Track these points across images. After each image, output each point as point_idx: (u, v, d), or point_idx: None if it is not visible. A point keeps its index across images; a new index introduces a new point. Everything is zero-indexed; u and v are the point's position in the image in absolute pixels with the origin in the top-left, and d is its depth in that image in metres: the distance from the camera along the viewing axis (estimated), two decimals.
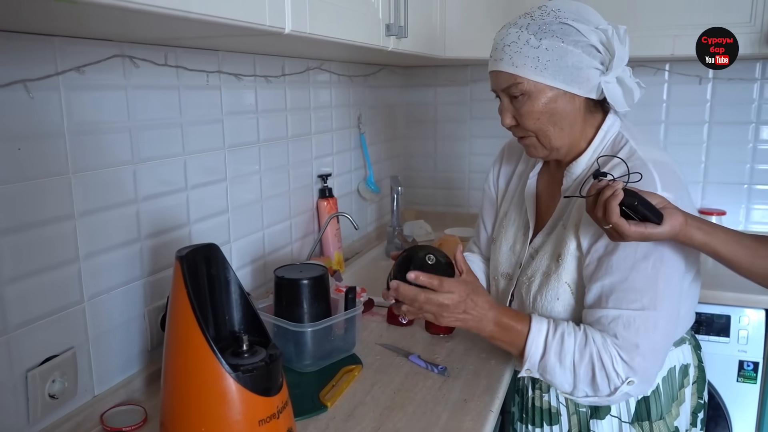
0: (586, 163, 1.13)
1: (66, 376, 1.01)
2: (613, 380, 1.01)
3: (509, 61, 1.05)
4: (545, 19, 1.04)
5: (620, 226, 0.91)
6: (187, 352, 0.82)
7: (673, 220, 0.93)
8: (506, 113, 1.11)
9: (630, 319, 1.00)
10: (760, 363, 1.75)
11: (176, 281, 0.82)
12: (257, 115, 1.50)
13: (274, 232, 1.62)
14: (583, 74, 1.04)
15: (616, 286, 1.01)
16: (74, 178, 1.01)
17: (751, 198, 2.21)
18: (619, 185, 0.91)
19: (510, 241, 1.27)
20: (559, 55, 1.03)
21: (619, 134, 1.12)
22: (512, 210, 1.29)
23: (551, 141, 1.10)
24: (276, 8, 0.93)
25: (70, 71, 0.98)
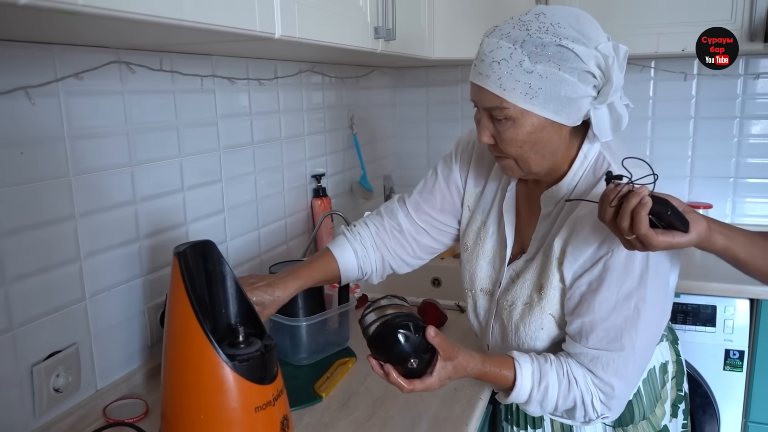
0: (566, 187, 1.04)
1: (70, 370, 1.05)
2: (589, 414, 1.02)
3: (496, 82, 0.93)
4: (543, 39, 0.91)
5: (649, 237, 0.83)
6: (185, 343, 0.85)
7: (699, 226, 0.88)
8: (485, 131, 1.00)
9: (609, 361, 0.99)
10: (745, 351, 1.80)
11: (174, 276, 0.86)
12: (251, 117, 1.54)
13: (270, 231, 1.66)
14: (574, 105, 0.94)
15: (597, 325, 0.98)
16: (74, 180, 1.05)
17: (737, 191, 2.25)
18: (645, 191, 0.82)
19: (488, 255, 1.18)
20: (552, 84, 0.91)
21: (600, 155, 1.03)
22: (490, 222, 1.18)
23: (530, 167, 1.01)
24: (266, 14, 0.97)
25: (69, 78, 1.02)
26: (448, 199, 1.24)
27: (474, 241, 1.21)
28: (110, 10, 0.66)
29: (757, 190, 2.23)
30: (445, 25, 1.96)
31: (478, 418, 1.11)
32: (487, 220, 1.20)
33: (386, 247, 1.24)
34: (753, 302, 1.78)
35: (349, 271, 1.21)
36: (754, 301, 1.77)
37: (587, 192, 1.02)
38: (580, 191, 1.03)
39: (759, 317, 1.77)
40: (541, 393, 1.00)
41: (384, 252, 1.24)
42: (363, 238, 1.24)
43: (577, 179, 1.04)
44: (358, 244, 1.22)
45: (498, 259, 1.17)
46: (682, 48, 1.90)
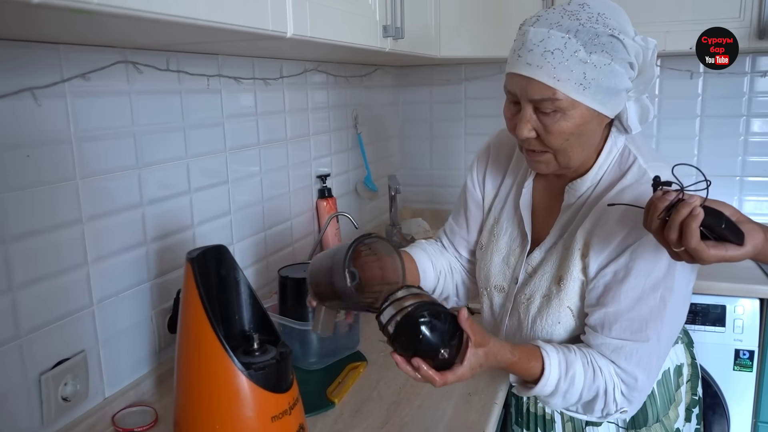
0: (591, 180, 1.04)
1: (78, 378, 1.02)
2: (609, 408, 0.99)
3: (550, 72, 0.90)
4: (596, 28, 0.89)
5: (699, 251, 0.77)
6: (199, 351, 0.83)
7: (755, 238, 0.81)
8: (526, 124, 0.95)
9: (632, 351, 0.97)
10: (755, 351, 1.78)
11: (188, 282, 0.84)
12: (257, 117, 1.52)
13: (275, 233, 1.63)
14: (619, 96, 0.94)
15: (622, 315, 0.96)
16: (81, 183, 1.02)
17: (744, 190, 2.24)
18: (697, 201, 0.76)
19: (502, 252, 1.18)
20: (605, 75, 0.90)
21: (625, 149, 1.04)
22: (504, 219, 1.19)
23: (570, 161, 0.99)
24: (278, 13, 0.95)
25: (75, 78, 1.00)
26: (471, 218, 1.27)
27: (488, 239, 1.22)
28: (126, 9, 0.64)
29: (763, 188, 2.22)
30: (451, 24, 1.94)
31: (494, 423, 1.09)
32: (500, 218, 1.20)
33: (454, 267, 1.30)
34: (763, 302, 1.76)
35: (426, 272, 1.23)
36: (764, 301, 1.76)
37: (613, 184, 1.01)
38: (606, 184, 1.03)
39: None
40: (567, 383, 0.97)
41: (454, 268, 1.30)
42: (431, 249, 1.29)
43: (603, 172, 1.03)
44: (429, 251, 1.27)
45: (512, 256, 1.16)
46: (690, 46, 1.87)
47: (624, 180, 1.00)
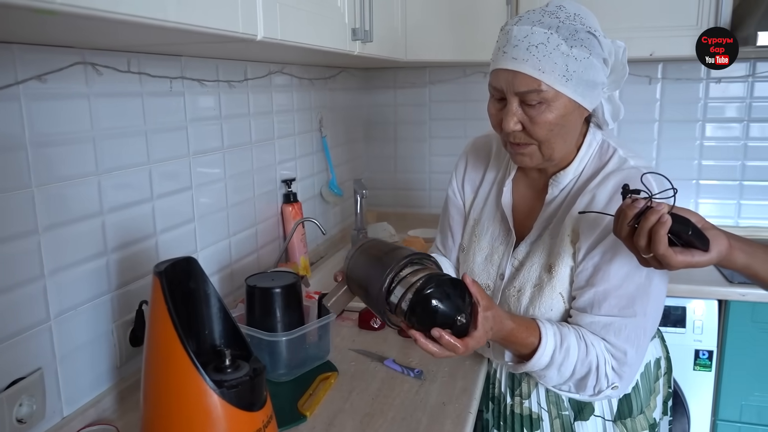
0: (573, 172, 1.10)
1: (34, 398, 0.96)
2: (601, 384, 1.03)
3: (535, 65, 0.95)
4: (574, 25, 0.97)
5: (667, 257, 0.81)
6: (168, 369, 0.79)
7: (719, 244, 0.85)
8: (512, 117, 1.00)
9: (621, 326, 1.01)
10: (714, 351, 1.83)
11: (156, 297, 0.80)
12: (221, 120, 1.47)
13: (240, 240, 1.59)
14: (596, 90, 1.00)
15: (610, 293, 1.01)
16: (37, 191, 0.96)
17: (700, 193, 2.30)
18: (665, 209, 0.80)
19: (485, 251, 1.21)
20: (585, 68, 0.96)
21: (604, 143, 1.10)
22: (485, 219, 1.23)
23: (554, 152, 1.04)
24: (249, 16, 0.92)
25: (30, 80, 0.94)
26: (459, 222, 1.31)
27: (469, 241, 1.26)
28: (92, 10, 0.60)
29: (718, 191, 2.28)
30: (417, 28, 1.93)
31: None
32: (480, 218, 1.24)
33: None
34: (721, 303, 1.81)
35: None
36: (722, 302, 1.81)
37: (596, 174, 1.07)
38: (588, 174, 1.08)
39: (727, 318, 1.80)
40: (563, 354, 1.01)
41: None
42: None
43: (584, 164, 1.09)
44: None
45: (496, 253, 1.20)
46: (650, 52, 1.92)
47: (606, 168, 1.06)
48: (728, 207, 2.28)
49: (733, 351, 1.82)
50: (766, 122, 2.20)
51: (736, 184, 2.26)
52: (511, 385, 1.21)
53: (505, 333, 0.98)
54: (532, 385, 1.18)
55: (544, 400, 1.17)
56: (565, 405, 1.16)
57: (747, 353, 1.81)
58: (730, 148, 2.24)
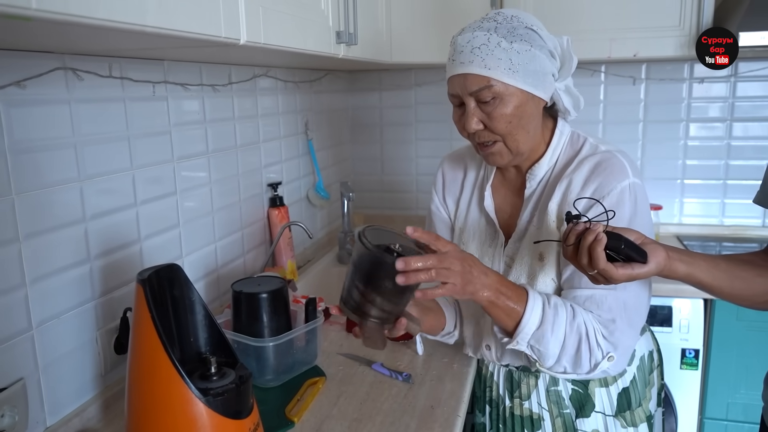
0: (547, 163, 1.14)
1: (16, 409, 0.95)
2: (595, 354, 1.03)
3: (481, 63, 1.02)
4: (512, 24, 1.04)
5: (608, 271, 0.87)
6: (153, 378, 0.78)
7: (657, 256, 0.91)
8: (473, 117, 1.06)
9: (602, 298, 1.03)
10: (700, 350, 1.84)
11: (139, 305, 0.79)
12: (205, 124, 1.46)
13: (226, 244, 1.58)
14: (547, 79, 1.06)
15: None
16: (17, 199, 0.95)
17: (684, 192, 2.32)
18: (600, 228, 0.87)
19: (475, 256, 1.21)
20: (528, 59, 1.02)
21: (574, 134, 1.16)
22: (470, 226, 1.25)
23: (519, 145, 1.08)
24: (231, 19, 0.91)
25: (9, 86, 0.93)
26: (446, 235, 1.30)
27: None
28: (67, 15, 0.59)
29: (701, 190, 2.30)
30: (402, 30, 1.93)
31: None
32: (465, 226, 1.26)
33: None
34: (706, 302, 1.82)
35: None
36: (707, 301, 1.82)
37: (570, 161, 1.11)
38: (563, 163, 1.13)
39: (712, 317, 1.82)
40: (552, 311, 1.02)
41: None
42: None
43: (557, 155, 1.14)
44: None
45: (486, 256, 1.21)
46: (634, 53, 1.93)
47: (580, 154, 1.11)
48: (713, 206, 2.30)
49: (718, 350, 1.84)
50: (749, 122, 2.22)
51: (720, 183, 2.28)
52: (510, 387, 1.22)
53: (492, 277, 0.99)
54: (531, 385, 1.18)
55: (545, 399, 1.17)
56: (566, 403, 1.16)
57: (732, 352, 1.83)
58: (713, 147, 2.26)
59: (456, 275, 0.92)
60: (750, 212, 2.26)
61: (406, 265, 0.87)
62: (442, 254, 0.92)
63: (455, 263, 0.92)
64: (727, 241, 2.20)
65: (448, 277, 0.92)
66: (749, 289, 1.00)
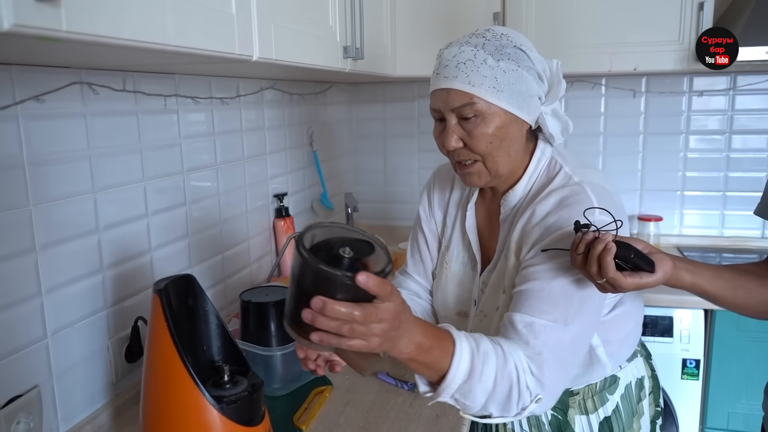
0: (522, 190, 1.09)
1: (31, 416, 0.97)
2: (524, 398, 0.92)
3: (465, 79, 0.99)
4: (500, 42, 1.00)
5: (617, 279, 0.88)
6: (168, 385, 0.80)
7: (664, 265, 0.92)
8: (452, 135, 1.02)
9: (540, 328, 0.94)
10: (701, 360, 1.86)
11: (155, 314, 0.81)
12: (214, 137, 1.49)
13: (233, 255, 1.60)
14: (532, 102, 1.02)
15: (535, 292, 0.97)
16: (35, 210, 0.98)
17: (684, 204, 2.34)
18: (609, 237, 0.87)
19: (456, 278, 1.20)
20: (515, 79, 0.99)
21: (552, 160, 1.09)
22: (453, 245, 1.22)
23: (498, 167, 1.04)
24: (245, 37, 0.94)
25: (28, 100, 0.96)
26: (433, 247, 1.28)
27: (440, 267, 1.23)
28: (96, 36, 0.62)
29: (701, 202, 2.33)
30: (406, 44, 1.96)
31: None
32: (450, 244, 1.22)
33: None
34: (707, 312, 1.84)
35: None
36: (707, 312, 1.84)
37: (542, 190, 1.05)
38: (536, 191, 1.07)
39: (713, 327, 1.84)
40: (481, 360, 0.89)
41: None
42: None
43: (533, 181, 1.09)
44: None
45: (467, 279, 1.19)
46: (634, 67, 1.96)
47: (551, 185, 1.05)
48: (712, 217, 2.32)
49: (719, 360, 1.85)
50: (748, 134, 2.25)
51: (719, 195, 2.30)
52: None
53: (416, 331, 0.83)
54: None
55: (525, 422, 1.14)
56: (546, 428, 1.13)
57: (733, 362, 1.84)
58: (713, 159, 2.29)
59: (372, 338, 0.76)
60: (749, 224, 2.28)
61: (324, 308, 0.71)
62: (371, 310, 0.74)
63: (378, 327, 0.75)
64: (726, 252, 2.23)
65: (364, 337, 0.75)
66: (751, 299, 1.01)
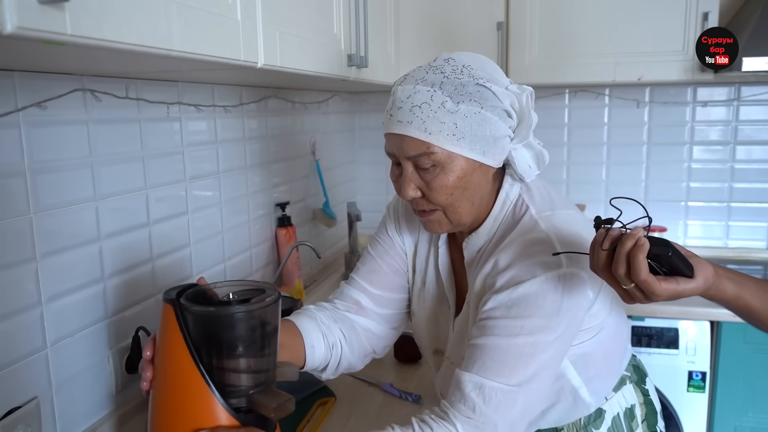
0: (486, 233, 0.99)
1: (30, 428, 0.95)
2: None
3: (420, 126, 0.88)
4: (461, 79, 0.89)
5: (650, 284, 0.73)
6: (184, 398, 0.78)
7: (705, 271, 0.78)
8: (410, 184, 0.92)
9: (491, 392, 0.86)
10: (707, 372, 1.84)
11: (168, 325, 0.79)
12: (216, 145, 1.48)
13: (235, 264, 1.58)
14: (499, 144, 0.91)
15: (488, 351, 0.88)
16: (35, 218, 0.96)
17: (689, 214, 2.33)
18: (641, 233, 0.74)
19: (433, 316, 1.11)
20: (477, 123, 0.88)
21: (519, 199, 0.98)
22: (429, 282, 1.11)
23: (461, 217, 0.95)
24: (250, 44, 0.93)
25: (30, 107, 0.94)
26: (396, 260, 1.14)
27: (418, 305, 1.14)
28: (101, 41, 0.60)
29: (705, 213, 2.32)
30: (410, 53, 1.96)
31: None
32: (426, 281, 1.12)
33: (350, 328, 1.10)
34: (713, 324, 1.83)
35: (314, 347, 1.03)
36: (713, 324, 1.83)
37: (506, 235, 0.95)
38: (500, 235, 0.97)
39: (719, 339, 1.82)
40: None
41: (348, 333, 1.08)
42: (322, 317, 1.08)
43: (498, 223, 0.98)
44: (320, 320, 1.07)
45: (442, 318, 1.10)
46: (638, 77, 1.96)
47: (515, 230, 0.95)
48: (716, 228, 2.31)
49: (726, 372, 1.83)
50: (752, 145, 2.24)
51: (723, 205, 2.29)
52: None
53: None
54: None
55: None
56: None
57: (740, 374, 1.82)
58: (717, 170, 2.28)
59: None
60: (754, 235, 2.27)
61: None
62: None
63: None
64: (731, 263, 2.21)
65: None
66: None
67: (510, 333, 0.87)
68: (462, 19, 2.03)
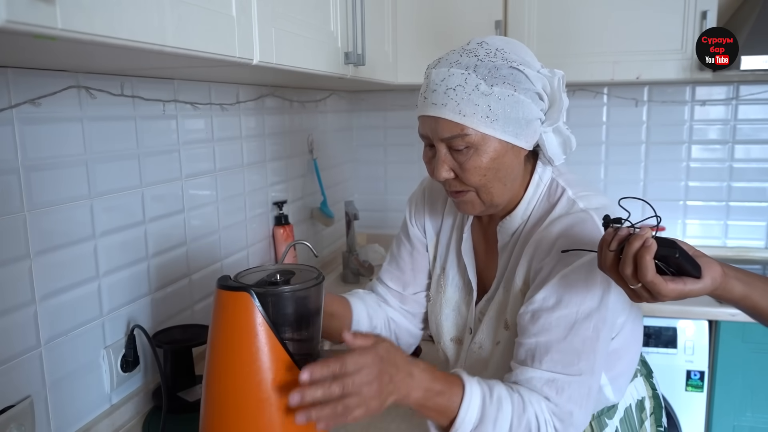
0: (520, 216, 1.01)
1: (23, 427, 0.94)
2: None
3: (455, 108, 0.90)
4: (494, 62, 0.91)
5: (657, 284, 0.75)
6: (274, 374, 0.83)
7: (713, 271, 0.79)
8: (443, 165, 0.94)
9: (564, 384, 0.89)
10: (705, 372, 1.84)
11: (248, 315, 0.83)
12: (213, 143, 1.47)
13: (232, 263, 1.58)
14: (531, 127, 0.93)
15: (553, 346, 0.90)
16: (29, 215, 0.95)
17: (687, 214, 2.33)
18: (648, 233, 0.75)
19: (452, 302, 1.13)
20: (510, 105, 0.90)
21: (552, 182, 1.01)
22: (449, 268, 1.13)
23: (493, 198, 0.96)
24: (245, 40, 0.92)
25: (24, 104, 0.94)
26: (418, 258, 1.20)
27: (436, 291, 1.16)
28: (92, 35, 0.60)
29: (703, 212, 2.31)
30: (408, 51, 1.95)
31: None
32: (446, 267, 1.15)
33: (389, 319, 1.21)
34: (711, 323, 1.82)
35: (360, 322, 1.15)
36: (712, 323, 1.82)
37: (543, 218, 0.98)
38: (536, 218, 0.99)
39: (718, 338, 1.81)
40: (494, 407, 0.86)
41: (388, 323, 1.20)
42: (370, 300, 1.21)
43: (532, 206, 1.01)
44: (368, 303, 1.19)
45: (463, 304, 1.12)
46: (637, 76, 1.95)
47: (554, 212, 0.97)
48: (715, 227, 2.30)
49: (724, 371, 1.83)
50: (750, 144, 2.23)
51: (722, 205, 2.29)
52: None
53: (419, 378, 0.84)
54: None
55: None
56: None
57: (738, 373, 1.82)
58: (715, 169, 2.28)
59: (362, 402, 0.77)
60: (753, 234, 2.27)
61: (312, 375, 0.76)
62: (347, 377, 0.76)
63: (364, 388, 0.76)
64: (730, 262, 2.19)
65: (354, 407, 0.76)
66: None
67: (568, 325, 0.90)
68: (460, 18, 2.02)
